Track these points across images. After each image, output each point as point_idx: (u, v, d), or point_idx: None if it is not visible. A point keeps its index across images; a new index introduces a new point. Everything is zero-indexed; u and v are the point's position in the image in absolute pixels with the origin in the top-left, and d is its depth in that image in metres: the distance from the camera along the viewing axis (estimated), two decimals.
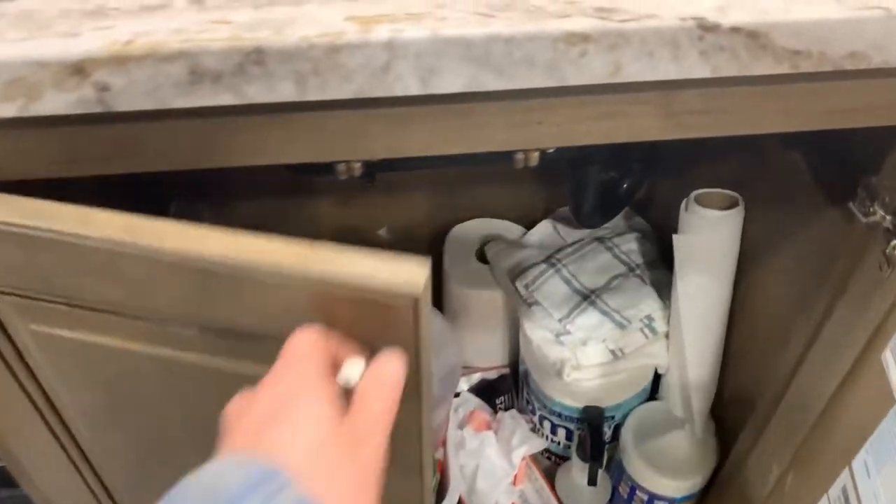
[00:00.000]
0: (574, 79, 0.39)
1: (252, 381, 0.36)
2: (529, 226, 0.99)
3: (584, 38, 0.38)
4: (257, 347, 0.38)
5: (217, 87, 0.37)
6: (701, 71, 0.40)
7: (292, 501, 0.29)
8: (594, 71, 0.39)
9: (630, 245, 0.91)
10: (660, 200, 0.98)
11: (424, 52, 0.37)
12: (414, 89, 0.38)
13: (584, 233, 0.95)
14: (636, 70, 0.39)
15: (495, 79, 0.39)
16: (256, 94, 0.37)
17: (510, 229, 1.00)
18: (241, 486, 0.29)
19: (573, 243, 0.93)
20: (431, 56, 0.37)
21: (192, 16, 0.38)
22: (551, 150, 0.59)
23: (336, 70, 0.37)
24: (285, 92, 0.38)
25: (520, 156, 0.56)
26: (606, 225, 0.93)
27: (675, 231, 0.75)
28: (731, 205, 0.73)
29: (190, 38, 0.36)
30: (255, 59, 0.36)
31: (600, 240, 0.92)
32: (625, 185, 0.86)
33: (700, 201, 0.74)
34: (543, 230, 0.98)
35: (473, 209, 1.01)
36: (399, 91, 0.38)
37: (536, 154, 0.55)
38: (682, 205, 0.74)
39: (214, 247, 0.36)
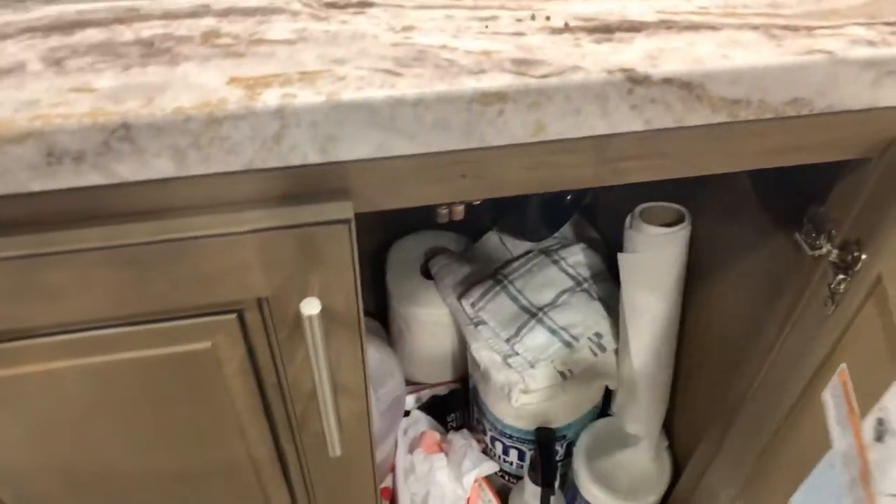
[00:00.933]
0: (494, 140, 0.35)
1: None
2: (475, 237, 0.96)
3: (500, 97, 0.33)
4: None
5: (80, 167, 0.32)
6: (632, 125, 0.36)
7: None
8: (514, 131, 0.35)
9: (577, 257, 0.88)
10: (607, 207, 0.95)
11: (322, 121, 0.33)
12: (313, 158, 0.34)
13: (531, 244, 0.91)
14: (561, 128, 0.35)
15: (406, 143, 0.34)
16: (129, 172, 0.33)
17: (455, 241, 0.96)
18: None
19: (520, 256, 0.89)
20: (330, 124, 0.33)
21: (48, 82, 0.32)
22: (478, 202, 0.55)
23: (219, 143, 0.32)
24: (162, 168, 0.33)
25: (443, 210, 0.51)
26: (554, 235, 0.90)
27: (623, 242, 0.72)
28: (678, 219, 0.71)
29: (42, 115, 0.31)
30: (122, 135, 0.31)
31: (547, 252, 0.89)
32: (568, 197, 0.82)
33: (645, 216, 0.71)
34: (489, 242, 0.94)
35: (416, 221, 0.97)
36: (296, 161, 0.34)
37: (462, 207, 0.51)
38: (627, 221, 0.71)
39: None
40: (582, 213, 0.94)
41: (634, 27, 0.37)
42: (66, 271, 0.36)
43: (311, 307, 0.38)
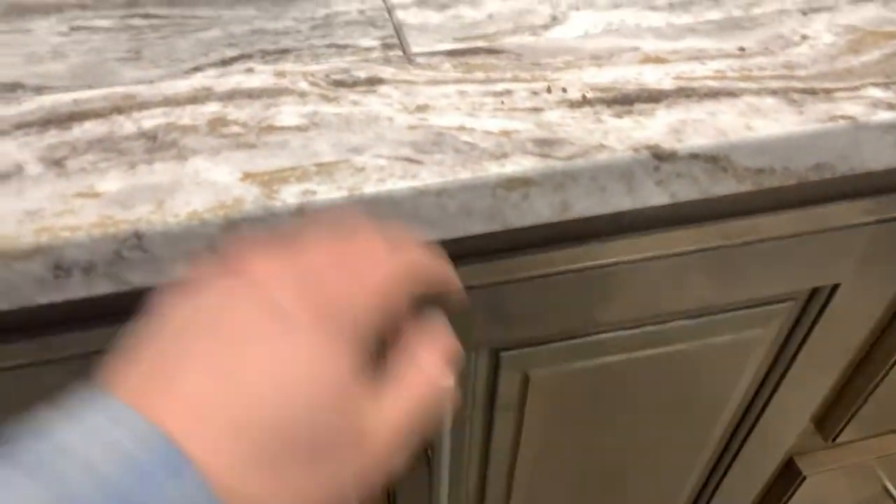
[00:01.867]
0: (518, 221, 0.34)
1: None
2: None
3: (525, 181, 0.32)
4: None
5: (90, 277, 0.30)
6: (658, 199, 0.35)
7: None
8: (539, 212, 0.34)
9: None
10: None
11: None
12: None
13: None
14: (586, 206, 0.34)
15: (428, 230, 0.33)
16: (143, 279, 0.31)
17: None
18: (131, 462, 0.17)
19: None
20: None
21: (50, 186, 0.31)
22: None
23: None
24: (179, 273, 0.31)
25: None
26: None
27: None
28: None
29: (48, 227, 0.29)
30: (134, 244, 0.30)
31: None
32: None
33: None
34: None
35: None
36: None
37: None
38: None
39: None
40: None
41: (653, 97, 0.36)
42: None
43: None
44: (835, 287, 0.46)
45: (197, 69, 0.38)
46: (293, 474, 0.19)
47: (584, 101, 0.36)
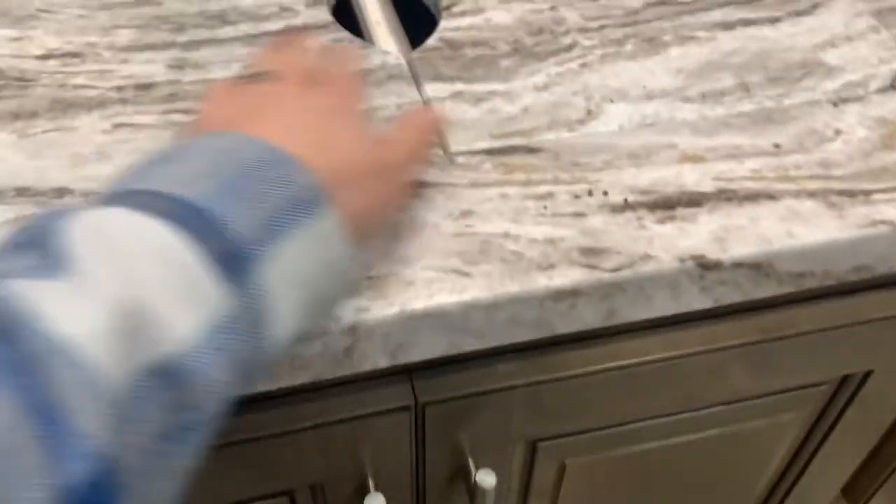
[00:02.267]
0: (564, 328, 0.34)
1: None
2: None
3: (573, 293, 0.33)
4: None
5: None
6: (701, 303, 0.36)
7: (309, 194, 0.25)
8: (585, 320, 0.34)
9: None
10: None
11: (394, 331, 0.31)
12: (382, 363, 0.33)
13: None
14: (632, 313, 0.35)
15: (476, 341, 0.33)
16: None
17: None
18: (251, 163, 0.24)
19: None
20: (402, 333, 0.32)
21: None
22: None
23: (288, 362, 0.31)
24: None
25: None
26: None
27: None
28: None
29: None
30: None
31: None
32: None
33: None
34: None
35: None
36: (366, 368, 0.33)
37: None
38: None
39: None
40: None
41: (695, 200, 0.36)
42: None
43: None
44: (868, 372, 0.46)
45: None
46: (357, 188, 0.27)
47: (626, 206, 0.36)
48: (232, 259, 0.22)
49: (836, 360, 0.45)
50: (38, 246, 0.20)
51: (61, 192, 0.37)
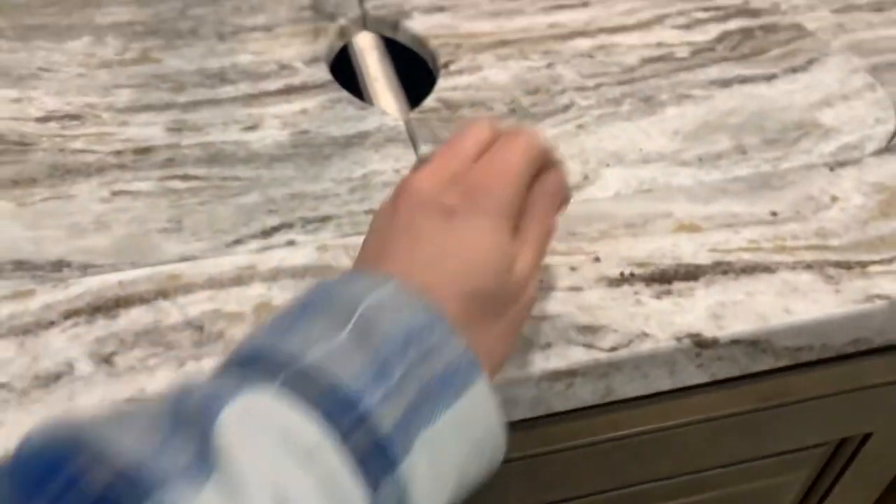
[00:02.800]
0: (560, 407, 0.34)
1: None
2: None
3: (570, 373, 0.33)
4: None
5: None
6: (698, 379, 0.35)
7: (456, 360, 0.24)
8: (582, 398, 0.34)
9: None
10: None
11: None
12: None
13: None
14: (628, 390, 0.35)
15: None
16: None
17: None
18: (403, 333, 0.23)
19: None
20: None
21: (100, 390, 0.31)
22: None
23: None
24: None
25: None
26: None
27: None
28: None
29: None
30: None
31: None
32: None
33: None
34: None
35: None
36: None
37: None
38: None
39: None
40: None
41: (691, 273, 0.36)
42: None
43: None
44: (867, 435, 0.46)
45: (239, 241, 0.38)
46: (488, 324, 0.26)
47: (623, 279, 0.36)
48: (379, 457, 0.21)
49: (834, 423, 0.44)
50: (195, 438, 0.19)
51: (59, 264, 0.37)
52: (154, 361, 0.32)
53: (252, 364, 0.22)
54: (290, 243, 0.38)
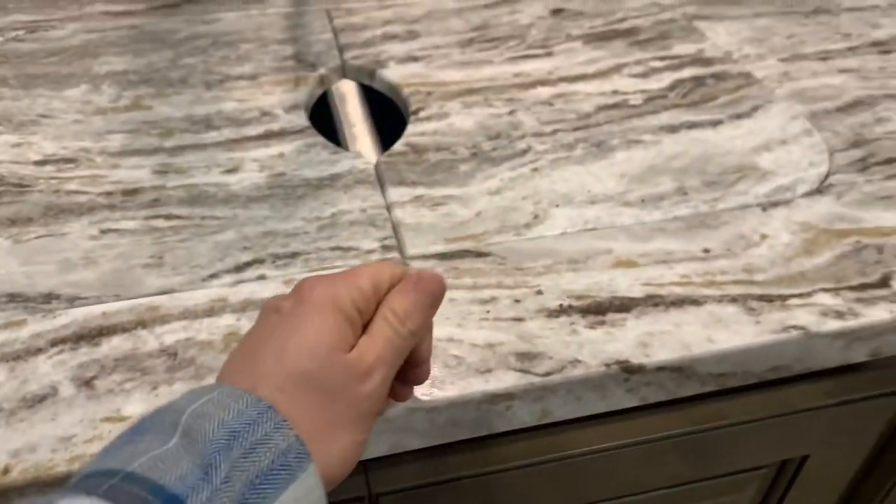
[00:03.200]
0: (501, 427, 0.37)
1: None
2: None
3: (508, 396, 0.36)
4: None
5: None
6: (629, 402, 0.39)
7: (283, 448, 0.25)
8: (522, 419, 0.37)
9: None
10: None
11: None
12: None
13: None
14: (565, 412, 0.38)
15: (418, 440, 0.36)
16: None
17: None
18: (227, 432, 0.24)
19: None
20: None
21: (80, 411, 0.34)
22: None
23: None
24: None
25: None
26: None
27: None
28: None
29: (79, 455, 0.32)
30: None
31: None
32: None
33: None
34: None
35: None
36: None
37: None
38: None
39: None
40: None
41: (625, 306, 0.40)
42: None
43: None
44: (805, 456, 0.49)
45: (214, 276, 0.42)
46: (318, 406, 0.27)
47: (562, 311, 0.39)
48: None
49: (769, 447, 0.47)
50: None
51: (49, 297, 0.40)
52: (130, 385, 0.35)
53: (77, 483, 0.23)
54: (261, 277, 0.42)
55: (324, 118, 0.62)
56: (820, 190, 0.49)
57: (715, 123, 0.55)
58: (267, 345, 0.27)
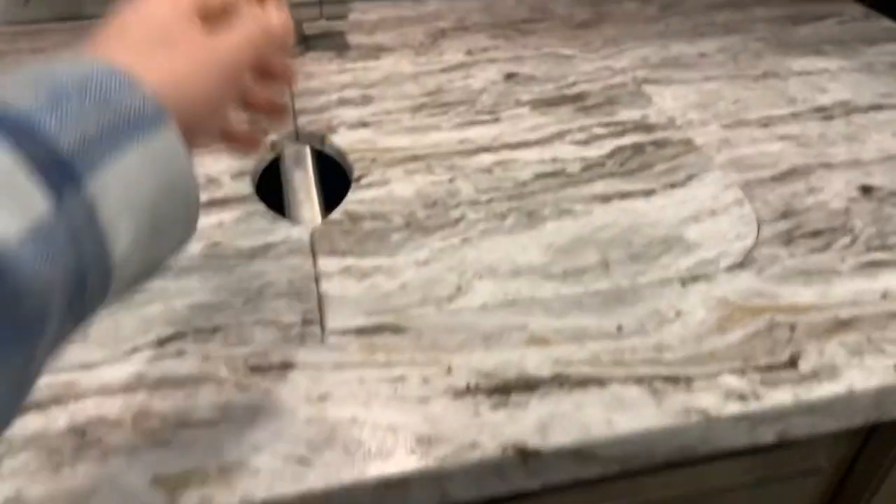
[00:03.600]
0: None
1: None
2: None
3: (403, 483, 0.37)
4: None
5: None
6: (530, 485, 0.39)
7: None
8: (420, 502, 0.38)
9: None
10: None
11: None
12: None
13: None
14: (464, 495, 0.38)
15: None
16: None
17: None
18: (81, 78, 0.25)
19: None
20: None
21: None
22: None
23: None
24: None
25: None
26: None
27: None
28: None
29: None
30: None
31: None
32: None
33: None
34: None
35: None
36: None
37: None
38: None
39: None
40: None
41: (530, 385, 0.40)
42: None
43: None
44: None
45: (136, 350, 0.43)
46: (155, 53, 0.29)
47: (468, 391, 0.40)
48: (59, 168, 0.23)
49: None
50: None
51: None
52: (35, 465, 0.36)
53: None
54: (180, 353, 0.43)
55: (274, 183, 0.63)
56: (742, 264, 0.49)
57: (648, 193, 0.56)
58: (112, 26, 0.30)
